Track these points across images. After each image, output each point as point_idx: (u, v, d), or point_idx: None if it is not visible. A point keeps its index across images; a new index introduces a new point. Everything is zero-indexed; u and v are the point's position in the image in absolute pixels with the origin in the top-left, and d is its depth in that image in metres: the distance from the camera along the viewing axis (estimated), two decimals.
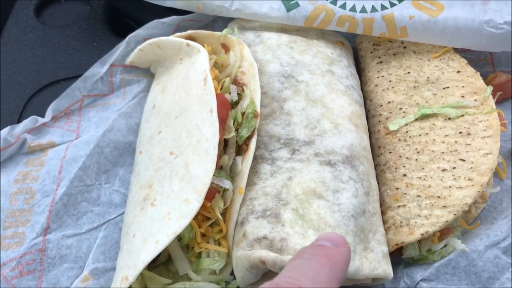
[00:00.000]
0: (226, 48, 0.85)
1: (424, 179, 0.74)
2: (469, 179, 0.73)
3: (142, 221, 0.70)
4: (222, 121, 0.73)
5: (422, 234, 0.70)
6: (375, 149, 0.81)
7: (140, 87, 0.93)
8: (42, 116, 0.88)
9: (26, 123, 0.86)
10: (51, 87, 0.97)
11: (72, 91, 0.89)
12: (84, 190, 0.80)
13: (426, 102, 0.82)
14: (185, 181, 0.69)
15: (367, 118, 0.84)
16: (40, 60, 1.02)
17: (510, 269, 0.70)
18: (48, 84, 0.98)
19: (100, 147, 0.84)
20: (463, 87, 0.82)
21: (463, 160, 0.75)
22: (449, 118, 0.79)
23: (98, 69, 0.91)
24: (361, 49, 0.93)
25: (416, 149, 0.77)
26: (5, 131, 0.83)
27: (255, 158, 0.73)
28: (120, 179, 0.83)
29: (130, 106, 0.90)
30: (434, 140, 0.77)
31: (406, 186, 0.74)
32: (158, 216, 0.68)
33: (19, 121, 0.87)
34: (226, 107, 0.75)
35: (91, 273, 0.73)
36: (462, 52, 0.88)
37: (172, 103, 0.79)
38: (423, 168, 0.75)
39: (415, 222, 0.71)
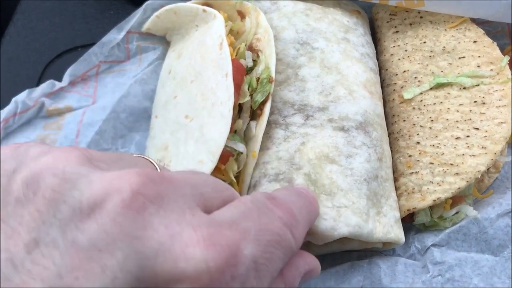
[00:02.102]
0: (241, 15, 0.85)
1: (438, 146, 0.74)
2: (482, 147, 0.73)
3: None
4: (237, 86, 0.73)
5: (434, 200, 0.71)
6: (389, 117, 0.82)
7: (155, 55, 0.93)
8: (60, 81, 0.89)
9: (44, 87, 0.87)
10: (68, 54, 0.98)
11: (89, 57, 0.90)
12: None
13: (442, 71, 0.81)
14: (200, 143, 0.70)
15: (382, 87, 0.84)
16: (58, 27, 1.03)
17: None
18: (66, 50, 0.99)
19: (116, 112, 0.85)
20: (479, 57, 0.81)
21: (477, 128, 0.74)
22: (464, 88, 0.78)
23: (115, 36, 0.92)
24: (377, 19, 0.93)
25: (430, 117, 0.77)
26: (23, 94, 0.85)
27: (269, 123, 0.74)
28: (136, 144, 0.84)
29: (145, 73, 0.90)
30: (448, 108, 0.77)
31: (419, 153, 0.75)
32: None
33: (37, 86, 0.88)
34: (241, 73, 0.75)
35: None
36: (480, 24, 0.88)
37: (188, 68, 0.80)
38: (436, 136, 0.75)
39: (427, 188, 0.72)
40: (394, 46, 0.87)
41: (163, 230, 0.35)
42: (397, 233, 0.69)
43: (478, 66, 0.80)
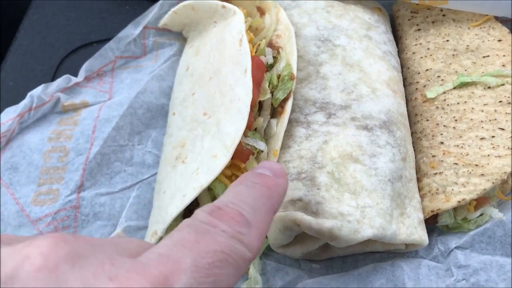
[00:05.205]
0: (261, 11, 0.84)
1: (462, 147, 0.73)
2: (508, 148, 0.71)
3: (172, 178, 0.70)
4: (257, 83, 0.72)
5: (459, 202, 0.69)
6: (411, 116, 0.80)
7: (172, 51, 0.92)
8: (75, 77, 0.88)
9: (60, 82, 0.86)
10: (83, 49, 0.97)
11: (105, 52, 0.89)
12: (117, 150, 0.80)
13: (465, 70, 0.80)
14: (216, 138, 0.68)
15: (404, 86, 0.83)
16: (73, 22, 1.02)
17: None
18: (81, 46, 0.97)
19: (133, 108, 0.84)
20: (504, 56, 0.80)
21: (503, 129, 0.73)
22: (489, 87, 0.77)
23: (131, 31, 0.91)
24: (398, 17, 0.91)
25: (454, 117, 0.75)
26: (39, 89, 0.84)
27: (290, 121, 0.72)
28: (153, 141, 0.83)
29: (162, 69, 0.89)
30: (472, 108, 0.75)
31: (443, 153, 0.73)
32: (187, 172, 0.68)
33: (52, 81, 0.87)
34: (261, 70, 0.74)
35: (124, 230, 0.74)
36: (503, 22, 0.86)
37: (206, 65, 0.79)
38: (461, 136, 0.74)
39: (452, 189, 0.70)
40: (416, 44, 0.85)
41: (78, 285, 0.34)
42: (420, 234, 0.67)
43: (503, 65, 0.78)
